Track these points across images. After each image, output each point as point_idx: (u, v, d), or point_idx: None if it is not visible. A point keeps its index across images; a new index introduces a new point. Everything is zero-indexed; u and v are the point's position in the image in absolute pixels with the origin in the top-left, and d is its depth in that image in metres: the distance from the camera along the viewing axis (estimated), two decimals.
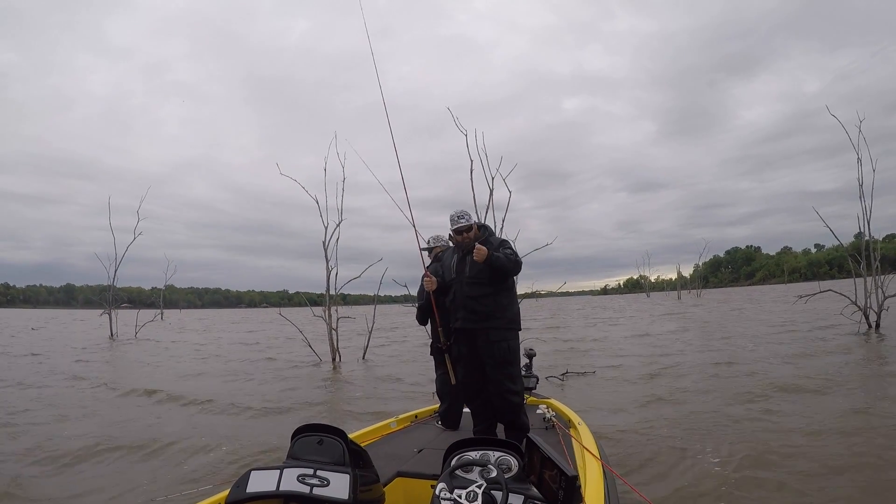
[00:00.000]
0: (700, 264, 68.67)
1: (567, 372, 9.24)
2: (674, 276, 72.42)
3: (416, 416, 4.38)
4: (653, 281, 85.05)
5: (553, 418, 3.83)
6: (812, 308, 19.95)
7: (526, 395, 4.54)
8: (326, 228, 12.57)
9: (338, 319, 12.44)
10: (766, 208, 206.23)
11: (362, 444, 2.70)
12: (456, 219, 3.63)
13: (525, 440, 2.23)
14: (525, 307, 3.62)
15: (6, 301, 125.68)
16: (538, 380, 5.03)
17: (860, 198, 13.70)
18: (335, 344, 12.13)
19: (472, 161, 10.83)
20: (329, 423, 2.37)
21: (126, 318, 24.78)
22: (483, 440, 2.25)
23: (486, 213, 10.81)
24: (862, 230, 13.90)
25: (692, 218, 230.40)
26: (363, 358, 12.51)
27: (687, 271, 73.75)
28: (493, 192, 11.06)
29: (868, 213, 13.68)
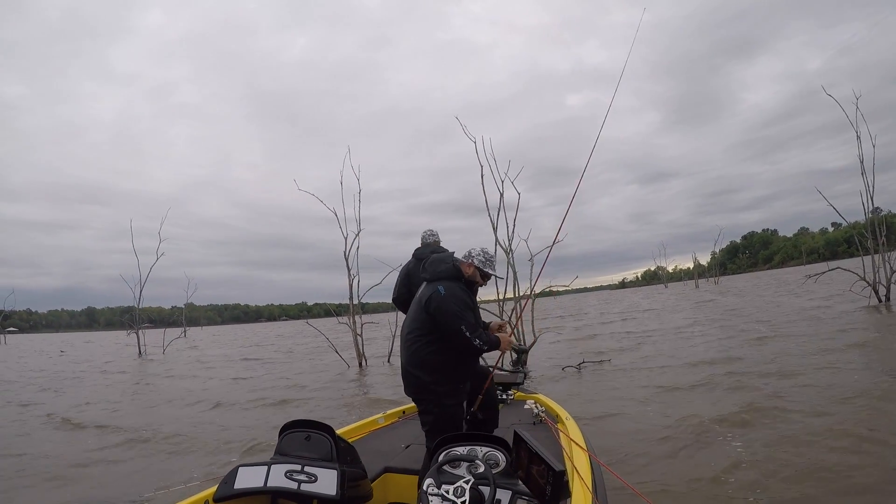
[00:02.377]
0: (716, 251, 68.21)
1: (583, 362, 9.62)
2: (691, 265, 71.99)
3: (403, 412, 4.35)
4: (670, 271, 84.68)
5: (541, 413, 3.82)
6: (822, 288, 20.17)
7: (514, 391, 4.73)
8: (346, 239, 13.01)
9: (362, 325, 12.90)
10: (778, 190, 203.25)
11: (350, 440, 2.74)
12: (495, 264, 3.17)
13: (513, 435, 2.24)
14: (542, 304, 3.85)
15: (29, 327, 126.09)
16: (526, 375, 5.07)
17: (862, 174, 13.99)
18: (361, 349, 12.61)
19: (482, 167, 11.16)
20: (317, 420, 2.41)
21: (150, 337, 25.46)
22: (471, 436, 2.25)
23: (498, 214, 11.19)
24: (866, 206, 14.17)
25: (705, 206, 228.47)
26: (388, 361, 12.97)
27: (704, 259, 73.29)
28: (503, 194, 11.43)
29: (871, 188, 13.94)
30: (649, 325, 16.15)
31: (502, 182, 11.41)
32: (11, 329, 70.66)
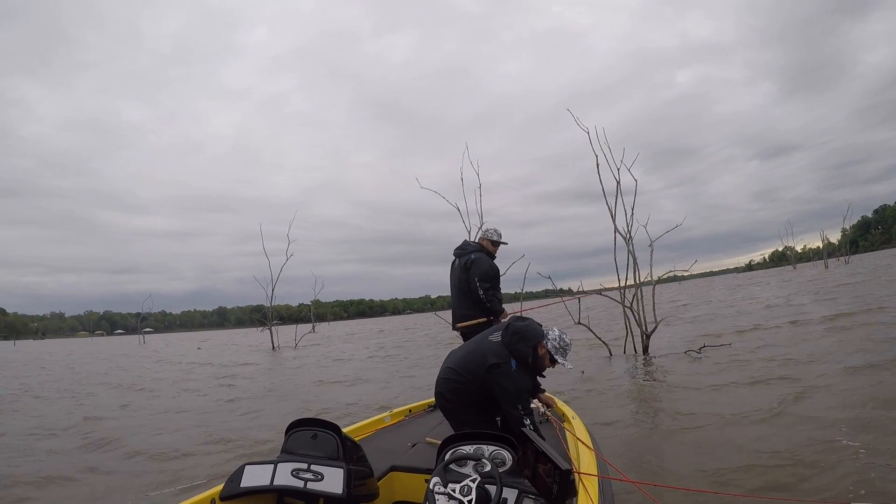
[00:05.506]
0: (846, 228, 61.63)
1: (704, 346, 9.70)
2: (820, 243, 65.69)
3: (409, 411, 4.39)
4: (799, 251, 77.64)
5: (547, 412, 3.84)
6: None
7: None
8: (469, 233, 13.26)
9: None
10: None
11: (356, 439, 2.81)
12: (567, 353, 3.30)
13: (520, 434, 2.31)
14: (664, 290, 3.41)
15: (164, 327, 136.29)
16: None
17: None
18: None
19: (596, 157, 10.99)
20: (323, 418, 2.43)
21: (281, 333, 27.37)
22: (477, 434, 2.27)
23: (616, 204, 11.23)
24: None
25: (831, 178, 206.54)
26: None
27: (834, 237, 66.63)
28: (620, 182, 11.12)
29: None
30: (779, 316, 15.18)
31: (618, 170, 11.08)
32: (147, 329, 79.26)
